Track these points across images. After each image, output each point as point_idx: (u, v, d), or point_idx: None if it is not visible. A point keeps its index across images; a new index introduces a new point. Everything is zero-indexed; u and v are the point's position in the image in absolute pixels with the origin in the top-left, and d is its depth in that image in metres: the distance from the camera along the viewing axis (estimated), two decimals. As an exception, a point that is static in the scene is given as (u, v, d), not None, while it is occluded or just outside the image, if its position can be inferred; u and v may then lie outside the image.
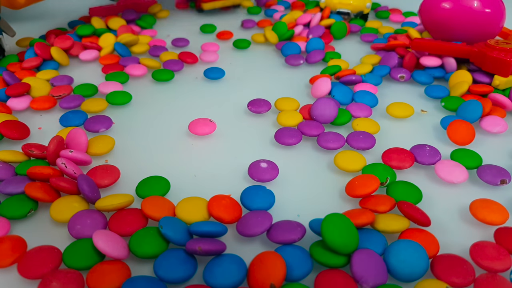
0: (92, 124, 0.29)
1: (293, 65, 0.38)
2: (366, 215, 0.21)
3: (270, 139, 0.29)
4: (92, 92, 0.33)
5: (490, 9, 0.36)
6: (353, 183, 0.24)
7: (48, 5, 0.54)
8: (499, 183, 0.24)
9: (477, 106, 0.30)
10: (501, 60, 0.32)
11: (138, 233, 0.20)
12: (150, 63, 0.36)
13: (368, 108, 0.31)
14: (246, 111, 0.32)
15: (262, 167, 0.25)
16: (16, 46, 0.41)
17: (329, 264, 0.19)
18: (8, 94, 0.31)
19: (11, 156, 0.25)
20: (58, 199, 0.22)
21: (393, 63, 0.37)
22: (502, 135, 0.30)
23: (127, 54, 0.38)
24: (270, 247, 0.21)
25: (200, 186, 0.25)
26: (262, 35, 0.44)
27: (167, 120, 0.31)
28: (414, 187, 0.24)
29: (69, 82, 0.34)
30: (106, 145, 0.27)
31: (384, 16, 0.52)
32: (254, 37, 0.44)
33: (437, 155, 0.26)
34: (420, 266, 0.19)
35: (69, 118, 0.29)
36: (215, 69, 0.36)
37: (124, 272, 0.18)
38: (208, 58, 0.39)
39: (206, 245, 0.19)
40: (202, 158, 0.27)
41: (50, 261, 0.19)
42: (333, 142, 0.27)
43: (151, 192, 0.23)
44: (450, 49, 0.35)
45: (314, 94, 0.33)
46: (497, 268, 0.19)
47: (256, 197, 0.23)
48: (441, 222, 0.23)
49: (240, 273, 0.18)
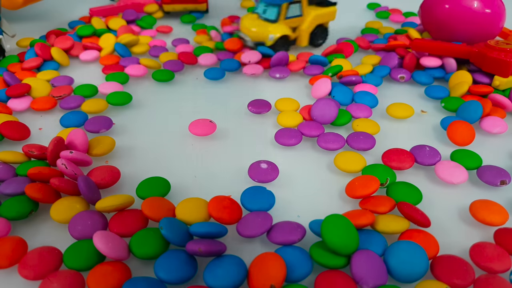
0: (92, 125, 0.29)
1: (275, 78, 0.37)
2: (366, 216, 0.21)
3: (270, 139, 0.29)
4: (92, 93, 0.33)
5: (490, 10, 0.36)
6: (353, 184, 0.24)
7: (48, 5, 0.54)
8: (499, 184, 0.24)
9: (477, 106, 0.30)
10: (501, 60, 0.32)
11: (139, 234, 0.20)
12: (150, 64, 0.36)
13: (368, 108, 0.31)
14: (246, 111, 0.32)
15: (262, 168, 0.25)
16: (17, 47, 0.42)
17: (329, 265, 0.19)
18: (8, 94, 0.31)
19: (12, 157, 0.25)
20: (59, 200, 0.22)
21: (393, 64, 0.37)
22: (502, 136, 0.30)
23: (127, 55, 0.38)
24: (270, 248, 0.21)
25: (200, 187, 0.25)
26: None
27: (167, 121, 0.31)
28: (414, 188, 0.24)
29: (70, 82, 0.34)
30: (106, 146, 0.27)
31: (384, 16, 0.52)
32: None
33: (437, 156, 0.26)
34: (420, 267, 0.19)
35: (69, 119, 0.29)
36: (215, 70, 0.36)
37: (125, 273, 0.19)
38: (205, 61, 0.38)
39: (206, 246, 0.19)
40: (202, 159, 0.27)
41: (51, 262, 0.19)
42: (333, 143, 0.27)
43: (151, 193, 0.23)
44: (450, 49, 0.35)
45: (314, 94, 0.33)
46: (497, 269, 0.19)
47: (256, 198, 0.23)
48: (441, 223, 0.23)
49: (240, 274, 0.18)
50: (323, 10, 0.41)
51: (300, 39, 0.41)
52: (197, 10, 0.51)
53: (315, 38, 0.42)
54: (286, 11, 0.38)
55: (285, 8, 0.38)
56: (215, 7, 0.55)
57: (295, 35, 0.40)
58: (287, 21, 0.39)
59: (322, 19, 0.41)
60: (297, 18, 0.40)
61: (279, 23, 0.39)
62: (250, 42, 0.39)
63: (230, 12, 0.53)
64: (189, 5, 0.50)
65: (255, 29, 0.39)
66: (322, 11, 0.41)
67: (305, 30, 0.40)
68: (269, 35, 0.38)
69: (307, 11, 0.40)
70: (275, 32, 0.38)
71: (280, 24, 0.39)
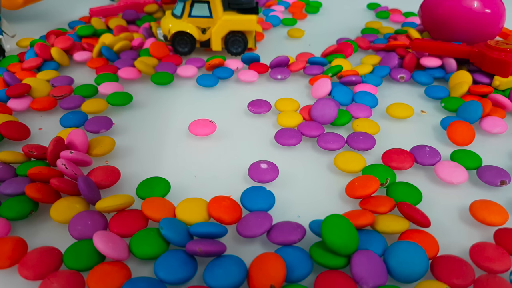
0: (92, 125, 0.29)
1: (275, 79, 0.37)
2: (366, 216, 0.21)
3: (270, 139, 0.29)
4: (92, 93, 0.33)
5: (490, 10, 0.36)
6: (353, 184, 0.24)
7: (48, 5, 0.54)
8: (499, 184, 0.24)
9: (477, 106, 0.30)
10: (501, 60, 0.32)
11: (139, 234, 0.20)
12: (143, 68, 0.35)
13: (368, 108, 0.31)
14: (246, 111, 0.32)
15: (262, 168, 0.25)
16: (17, 47, 0.42)
17: (329, 265, 0.19)
18: (8, 94, 0.31)
19: (12, 157, 0.25)
20: (59, 200, 0.22)
21: (393, 64, 0.37)
22: (502, 136, 0.30)
23: (115, 58, 0.38)
24: (270, 248, 0.21)
25: (200, 187, 0.25)
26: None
27: (167, 121, 0.31)
28: (414, 188, 0.24)
29: (70, 82, 0.34)
30: (106, 146, 0.27)
31: (384, 16, 0.52)
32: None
33: (437, 156, 0.26)
34: (420, 267, 0.19)
35: (69, 119, 0.29)
36: (207, 76, 0.35)
37: (125, 273, 0.19)
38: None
39: (206, 246, 0.19)
40: (202, 159, 0.27)
41: (51, 262, 0.19)
42: (333, 143, 0.27)
43: (151, 193, 0.23)
44: (450, 49, 0.35)
45: (314, 94, 0.33)
46: (497, 269, 0.19)
47: (256, 198, 0.23)
48: (441, 223, 0.23)
49: (240, 274, 0.18)
50: (239, 17, 0.38)
51: (211, 42, 0.39)
52: None
53: (230, 45, 0.39)
54: (190, 9, 0.37)
55: (188, 5, 0.37)
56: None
57: (205, 36, 0.39)
58: (192, 20, 0.38)
59: (236, 26, 0.38)
60: (206, 19, 0.38)
61: (182, 20, 0.38)
62: (160, 35, 0.39)
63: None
64: None
65: (165, 23, 0.39)
66: (237, 18, 0.38)
67: (215, 33, 0.38)
68: (157, 29, 0.39)
69: (220, 15, 0.38)
70: (173, 28, 0.38)
71: (183, 21, 0.38)
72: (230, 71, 0.36)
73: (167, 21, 0.39)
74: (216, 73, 0.36)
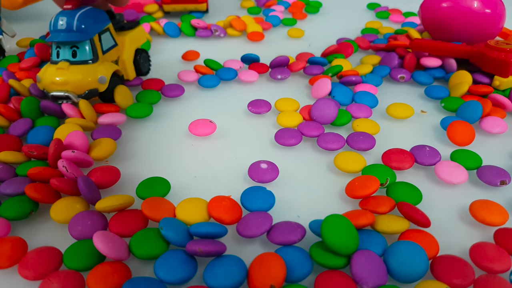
0: (99, 135, 0.28)
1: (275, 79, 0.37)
2: (366, 216, 0.21)
3: (270, 140, 0.29)
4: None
5: (490, 10, 0.36)
6: (353, 184, 0.24)
7: (48, 5, 0.54)
8: (499, 184, 0.24)
9: (477, 106, 0.30)
10: (501, 60, 0.32)
11: (139, 234, 0.20)
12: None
13: (368, 108, 0.31)
14: (246, 111, 0.32)
15: (262, 168, 0.25)
16: (17, 47, 0.42)
17: (329, 265, 0.19)
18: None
19: (12, 157, 0.25)
20: (59, 200, 0.22)
21: (394, 64, 0.37)
22: (502, 136, 0.30)
23: None
24: (270, 248, 0.21)
25: (200, 187, 0.25)
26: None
27: (167, 121, 0.31)
28: (414, 188, 0.24)
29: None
30: (107, 148, 0.26)
31: (384, 16, 0.52)
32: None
33: (437, 156, 0.26)
34: (420, 267, 0.19)
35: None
36: (209, 77, 0.35)
37: (125, 273, 0.19)
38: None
39: (206, 246, 0.19)
40: (202, 159, 0.27)
41: (51, 262, 0.19)
42: (333, 143, 0.27)
43: (151, 193, 0.23)
44: (450, 49, 0.35)
45: (314, 94, 0.33)
46: (497, 269, 0.19)
47: (256, 198, 0.23)
48: (441, 223, 0.23)
49: (240, 274, 0.18)
50: (133, 32, 0.34)
51: (125, 72, 0.33)
52: (197, 10, 0.51)
53: (141, 66, 0.35)
54: (100, 44, 0.30)
55: (97, 40, 0.30)
56: (215, 7, 0.55)
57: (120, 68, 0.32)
58: (106, 56, 0.31)
59: (137, 42, 0.35)
60: (114, 49, 0.32)
61: (100, 61, 0.30)
62: (75, 98, 0.29)
63: (230, 12, 0.53)
64: (189, 5, 0.50)
65: (79, 78, 0.29)
66: (133, 33, 0.34)
67: (128, 59, 0.33)
68: (99, 77, 0.29)
69: (119, 39, 0.33)
70: (105, 71, 0.30)
71: (103, 62, 0.30)
72: (234, 72, 0.36)
73: (83, 73, 0.29)
74: (220, 74, 0.36)
